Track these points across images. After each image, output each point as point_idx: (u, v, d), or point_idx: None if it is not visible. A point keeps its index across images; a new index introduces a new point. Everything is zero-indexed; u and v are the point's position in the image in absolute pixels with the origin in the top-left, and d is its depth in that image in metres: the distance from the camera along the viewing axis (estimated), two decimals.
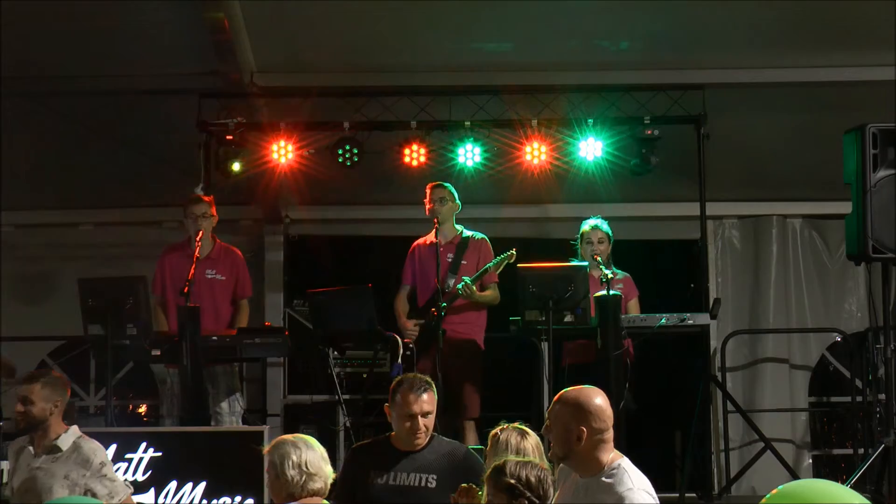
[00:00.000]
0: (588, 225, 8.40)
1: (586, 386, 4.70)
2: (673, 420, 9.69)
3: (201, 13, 8.34)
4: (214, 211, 8.32)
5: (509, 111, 8.99)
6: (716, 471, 9.18)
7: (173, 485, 6.91)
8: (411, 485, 5.62)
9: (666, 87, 8.91)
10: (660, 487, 4.84)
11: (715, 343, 9.20)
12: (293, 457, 4.79)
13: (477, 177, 9.06)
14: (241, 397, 8.53)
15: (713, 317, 8.51)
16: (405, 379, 5.73)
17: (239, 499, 6.88)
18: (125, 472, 6.85)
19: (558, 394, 4.69)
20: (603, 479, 4.54)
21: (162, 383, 8.44)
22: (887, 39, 8.33)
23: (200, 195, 8.44)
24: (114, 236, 10.25)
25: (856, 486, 7.15)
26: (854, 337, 9.86)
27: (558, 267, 8.09)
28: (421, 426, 5.64)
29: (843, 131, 7.65)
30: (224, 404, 8.21)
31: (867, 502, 3.56)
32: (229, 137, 8.93)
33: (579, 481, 4.63)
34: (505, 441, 5.32)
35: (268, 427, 7.35)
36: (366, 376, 8.78)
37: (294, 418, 9.02)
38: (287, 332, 8.28)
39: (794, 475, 8.73)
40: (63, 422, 6.18)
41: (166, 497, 6.87)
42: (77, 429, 6.20)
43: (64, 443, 6.10)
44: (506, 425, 5.43)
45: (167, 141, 9.39)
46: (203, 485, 6.90)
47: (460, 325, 8.24)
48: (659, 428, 9.65)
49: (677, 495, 8.28)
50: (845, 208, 7.71)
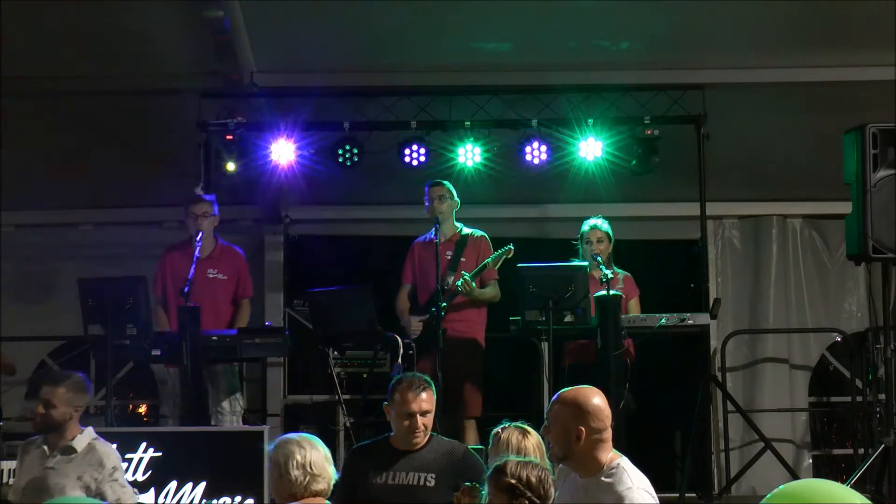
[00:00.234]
0: (588, 225, 8.41)
1: (584, 386, 4.70)
2: (673, 420, 9.68)
3: (201, 13, 8.35)
4: (216, 210, 8.33)
5: (509, 111, 9.00)
6: (716, 471, 9.17)
7: (173, 485, 6.90)
8: (410, 484, 5.62)
9: (666, 87, 8.90)
10: (660, 487, 4.84)
11: (715, 343, 9.20)
12: (297, 456, 4.75)
13: (477, 177, 9.05)
14: (242, 397, 8.53)
15: (713, 317, 8.51)
16: (404, 378, 5.75)
17: (239, 499, 6.87)
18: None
19: (556, 394, 4.70)
20: (602, 479, 4.54)
21: (162, 383, 8.45)
22: (887, 39, 8.33)
23: (201, 195, 8.44)
24: (114, 236, 10.24)
25: (856, 486, 7.14)
26: (854, 337, 9.85)
27: (558, 267, 8.09)
28: (420, 425, 5.65)
29: (843, 131, 7.65)
30: (224, 404, 8.22)
31: (867, 502, 3.55)
32: (229, 137, 8.93)
33: (579, 481, 4.63)
34: (506, 440, 5.33)
35: (268, 427, 7.33)
36: (366, 376, 8.79)
37: (294, 418, 9.02)
38: (287, 332, 8.29)
39: (794, 475, 8.73)
40: (78, 423, 6.18)
41: (166, 497, 6.86)
42: (92, 430, 6.20)
43: (79, 444, 6.09)
44: (507, 424, 5.44)
45: (167, 141, 9.39)
46: (203, 485, 6.89)
47: (460, 324, 8.23)
48: (659, 428, 9.64)
49: (677, 495, 8.27)
50: (845, 208, 7.70)
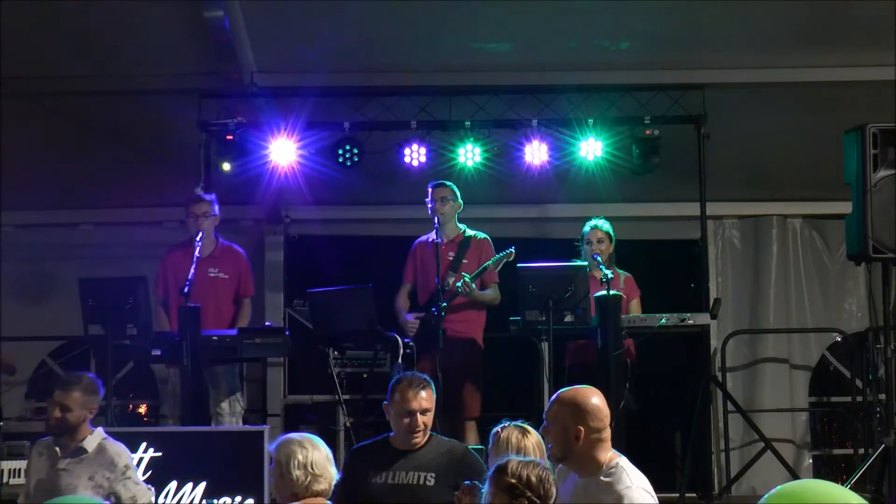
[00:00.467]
0: (588, 225, 8.42)
1: (583, 385, 4.70)
2: (673, 420, 9.68)
3: (201, 13, 8.34)
4: (216, 210, 8.32)
5: (509, 111, 9.00)
6: (716, 471, 9.17)
7: (173, 485, 6.89)
8: (410, 483, 5.63)
9: (666, 87, 8.90)
10: (660, 487, 4.85)
11: (715, 343, 9.20)
12: (299, 456, 4.74)
13: (477, 177, 9.05)
14: (242, 397, 8.53)
15: (713, 317, 8.51)
16: (404, 377, 5.75)
17: (239, 499, 6.86)
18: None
19: (555, 394, 4.70)
20: (601, 479, 4.54)
21: (162, 383, 8.44)
22: (887, 39, 8.32)
23: (201, 194, 8.44)
24: (114, 236, 10.24)
25: (856, 486, 7.16)
26: (854, 337, 9.85)
27: (558, 267, 8.09)
28: (419, 423, 5.65)
29: (843, 131, 7.65)
30: (224, 404, 8.22)
31: (865, 503, 3.55)
32: (229, 137, 8.94)
33: (578, 481, 4.63)
34: (506, 439, 5.33)
35: (268, 427, 7.33)
36: (366, 376, 8.79)
37: (294, 418, 9.04)
38: (287, 332, 8.29)
39: (794, 475, 8.73)
40: (89, 424, 6.18)
41: (166, 497, 6.85)
42: (102, 430, 6.20)
43: (90, 444, 6.09)
44: (507, 424, 5.44)
45: (167, 141, 9.38)
46: (203, 485, 6.88)
47: (460, 324, 8.23)
48: (659, 428, 9.64)
49: (677, 495, 8.27)
50: (845, 208, 7.71)
